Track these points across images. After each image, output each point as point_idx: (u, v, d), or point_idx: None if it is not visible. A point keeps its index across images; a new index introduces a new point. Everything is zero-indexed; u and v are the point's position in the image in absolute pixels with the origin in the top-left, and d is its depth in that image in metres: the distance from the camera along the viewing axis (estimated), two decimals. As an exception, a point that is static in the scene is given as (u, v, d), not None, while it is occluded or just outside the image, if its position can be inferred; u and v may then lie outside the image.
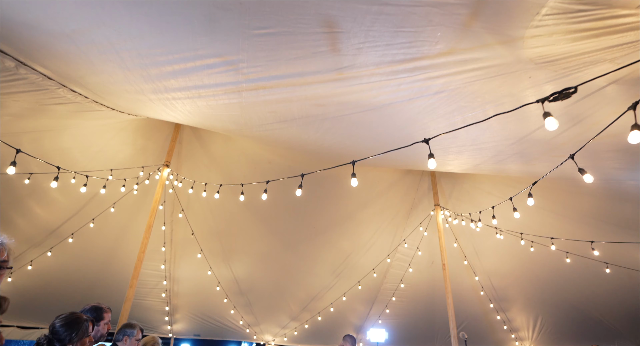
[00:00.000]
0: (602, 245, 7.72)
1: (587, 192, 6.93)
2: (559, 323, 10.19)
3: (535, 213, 8.05)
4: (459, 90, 2.92)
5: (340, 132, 4.39)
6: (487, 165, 5.45)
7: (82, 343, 2.78)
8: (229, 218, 9.19)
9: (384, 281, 10.42)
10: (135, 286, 7.09)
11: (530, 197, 4.41)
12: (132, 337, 4.09)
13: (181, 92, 3.62)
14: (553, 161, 4.35)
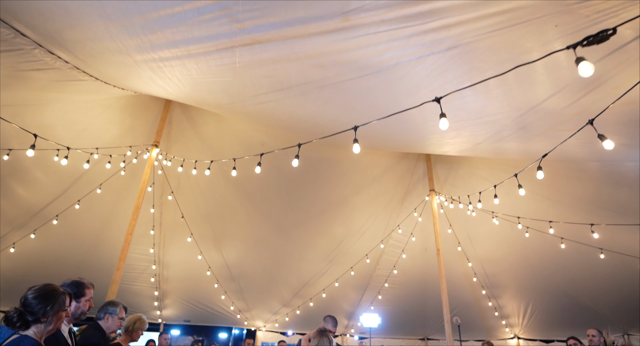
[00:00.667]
0: (597, 231, 7.58)
1: (585, 176, 6.74)
2: (549, 310, 10.08)
3: (530, 199, 7.85)
4: (474, 44, 2.62)
5: (340, 103, 4.08)
6: (487, 144, 5.19)
7: (58, 317, 2.47)
8: (220, 201, 8.86)
9: (376, 267, 10.20)
10: (123, 269, 6.74)
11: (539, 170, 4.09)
12: (115, 315, 3.77)
13: (169, 50, 3.26)
14: (558, 138, 4.11)
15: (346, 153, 8.36)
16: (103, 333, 3.67)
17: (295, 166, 4.24)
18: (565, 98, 3.20)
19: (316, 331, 4.20)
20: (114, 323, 3.76)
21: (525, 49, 2.61)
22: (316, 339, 4.09)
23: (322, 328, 4.26)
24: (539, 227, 7.77)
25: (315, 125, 5.62)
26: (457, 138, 4.86)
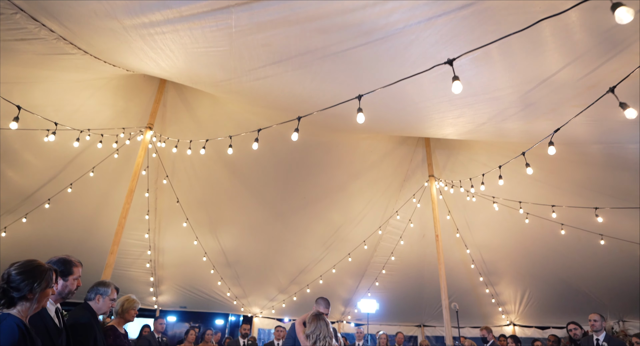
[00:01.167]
0: (599, 216, 7.44)
1: (587, 160, 6.55)
2: (545, 297, 10.00)
3: (530, 185, 7.69)
4: (491, 1, 2.39)
5: (342, 77, 3.84)
6: (491, 125, 4.99)
7: (45, 294, 2.27)
8: (216, 186, 8.62)
9: (374, 254, 10.05)
10: (116, 253, 6.53)
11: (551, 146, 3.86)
12: (106, 296, 3.56)
13: (159, 12, 2.99)
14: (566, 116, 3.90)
15: (345, 138, 8.14)
16: (94, 314, 3.47)
17: (295, 140, 4.03)
18: (581, 68, 2.98)
19: (311, 316, 3.99)
20: (105, 304, 3.55)
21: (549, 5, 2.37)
22: (312, 324, 3.90)
23: (317, 311, 4.07)
24: (539, 212, 7.62)
25: (314, 106, 5.39)
26: (460, 118, 4.65)
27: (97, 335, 3.34)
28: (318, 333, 3.79)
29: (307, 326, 3.92)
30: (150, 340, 6.37)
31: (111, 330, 3.96)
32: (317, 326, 3.83)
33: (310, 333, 3.82)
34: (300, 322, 4.02)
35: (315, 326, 3.83)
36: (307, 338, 3.83)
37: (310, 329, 3.85)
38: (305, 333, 3.88)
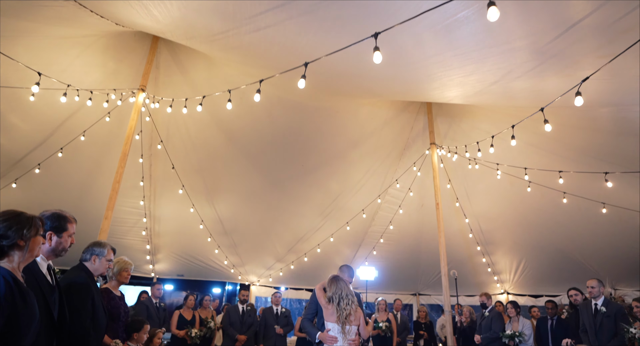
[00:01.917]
0: (600, 186, 7.35)
1: (593, 126, 6.37)
2: (540, 266, 10.04)
3: (534, 153, 7.54)
4: None
5: (351, 24, 3.54)
6: (501, 84, 4.73)
7: (36, 241, 2.10)
8: (213, 153, 8.37)
9: (372, 223, 9.98)
10: (111, 219, 6.37)
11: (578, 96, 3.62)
12: (102, 257, 3.39)
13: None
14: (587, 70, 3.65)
15: (345, 104, 7.86)
16: (90, 275, 3.30)
17: (302, 88, 3.75)
18: (617, 9, 2.71)
19: (329, 280, 3.88)
20: (101, 265, 3.39)
21: None
22: (333, 286, 3.79)
23: (335, 275, 3.97)
24: (542, 180, 7.50)
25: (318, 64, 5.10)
26: (471, 76, 4.39)
27: (94, 295, 3.19)
28: (340, 292, 3.70)
29: (327, 289, 3.81)
30: (148, 305, 6.29)
31: (105, 292, 3.83)
32: (337, 286, 3.73)
33: (332, 295, 3.73)
34: (320, 288, 3.92)
35: (336, 287, 3.73)
36: (329, 301, 3.74)
37: (331, 291, 3.75)
38: (327, 296, 3.78)
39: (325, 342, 3.64)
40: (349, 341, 3.59)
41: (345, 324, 3.60)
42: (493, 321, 6.09)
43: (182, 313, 6.47)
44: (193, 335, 6.15)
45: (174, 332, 6.26)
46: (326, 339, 3.62)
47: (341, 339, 3.59)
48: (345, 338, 3.59)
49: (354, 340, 3.60)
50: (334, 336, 3.59)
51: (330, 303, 3.69)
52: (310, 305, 4.09)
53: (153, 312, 6.23)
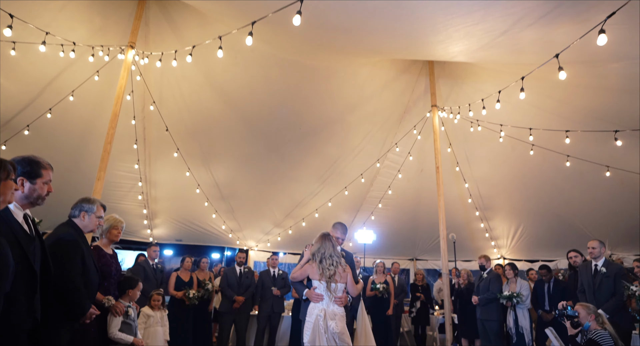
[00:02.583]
0: (604, 149, 7.17)
1: (600, 84, 6.11)
2: (538, 231, 9.99)
3: (538, 115, 7.29)
4: None
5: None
6: (509, 35, 4.44)
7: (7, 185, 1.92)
8: (207, 116, 8.10)
9: (370, 189, 9.85)
10: (104, 179, 6.19)
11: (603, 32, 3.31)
12: (92, 213, 3.23)
13: None
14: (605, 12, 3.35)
15: (344, 63, 7.52)
16: (80, 232, 3.15)
17: (297, 25, 3.48)
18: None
19: (318, 236, 3.79)
20: (91, 221, 3.24)
21: None
22: (317, 243, 3.68)
23: (325, 232, 3.85)
24: (546, 143, 7.30)
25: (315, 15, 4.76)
26: (479, 24, 4.10)
27: (84, 252, 3.06)
28: (323, 251, 3.58)
29: (313, 245, 3.71)
30: (145, 267, 6.24)
31: (96, 250, 3.70)
32: (322, 245, 3.61)
33: (315, 253, 3.62)
34: (311, 247, 3.81)
35: (321, 246, 3.61)
36: (312, 256, 3.63)
37: (315, 248, 3.64)
38: (310, 252, 3.67)
39: (311, 299, 3.55)
40: (335, 299, 3.50)
41: (330, 282, 3.49)
42: (491, 282, 6.07)
43: (180, 275, 6.43)
44: (191, 296, 6.13)
45: (172, 293, 6.24)
46: (312, 296, 3.53)
47: (327, 297, 3.50)
48: (332, 295, 3.50)
49: (340, 297, 3.51)
50: (319, 293, 3.50)
51: (313, 260, 3.59)
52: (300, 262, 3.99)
53: (150, 274, 6.18)
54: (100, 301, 3.53)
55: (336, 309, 3.46)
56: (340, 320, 3.40)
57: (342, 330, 3.34)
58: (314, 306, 3.49)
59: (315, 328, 3.33)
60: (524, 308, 5.70)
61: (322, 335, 3.29)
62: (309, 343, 3.35)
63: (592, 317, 3.89)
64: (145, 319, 4.81)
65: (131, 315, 3.76)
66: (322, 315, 3.36)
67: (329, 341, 3.30)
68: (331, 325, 3.31)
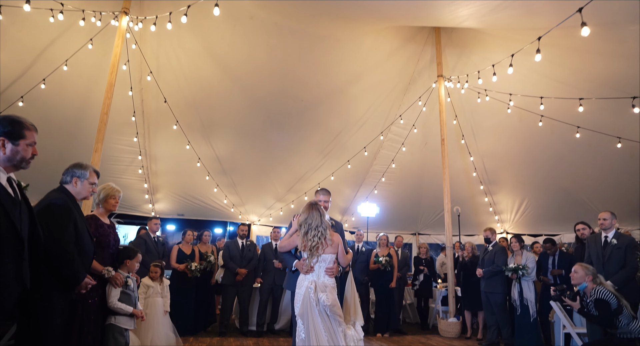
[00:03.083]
0: (616, 120, 6.92)
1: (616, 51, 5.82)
2: (542, 206, 9.85)
3: (549, 86, 7.03)
4: None
5: None
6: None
7: None
8: (207, 87, 7.84)
9: (373, 162, 9.68)
10: (101, 151, 6.04)
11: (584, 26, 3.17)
12: (84, 179, 3.06)
13: None
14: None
15: (347, 31, 7.20)
16: (72, 198, 2.99)
17: None
18: None
19: (305, 205, 3.62)
20: (84, 188, 3.07)
21: None
22: (305, 213, 3.52)
23: (313, 201, 3.70)
24: (555, 113, 7.06)
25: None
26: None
27: (77, 219, 2.90)
28: (310, 221, 3.41)
29: (300, 215, 3.55)
30: (146, 240, 6.16)
31: (92, 219, 3.56)
32: (309, 215, 3.43)
33: (302, 222, 3.46)
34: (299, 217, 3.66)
35: (308, 215, 3.44)
36: (299, 227, 3.48)
37: (302, 218, 3.48)
38: (297, 221, 3.52)
39: (300, 271, 3.43)
40: (325, 269, 3.38)
41: (312, 255, 3.34)
42: (496, 255, 5.97)
43: (181, 247, 6.36)
44: (193, 268, 6.08)
45: (174, 266, 6.18)
46: (302, 267, 3.40)
47: (317, 267, 3.37)
48: (321, 266, 3.38)
49: (331, 268, 3.39)
50: (309, 264, 3.38)
51: (299, 230, 3.45)
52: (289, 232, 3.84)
53: (152, 246, 6.11)
54: (100, 272, 3.44)
55: (327, 280, 3.34)
56: (331, 292, 3.29)
57: (333, 302, 3.23)
58: (304, 278, 3.36)
59: (305, 300, 3.23)
60: (529, 280, 5.61)
61: (313, 307, 3.18)
62: (299, 315, 3.26)
63: (589, 278, 3.83)
64: (145, 289, 4.75)
65: (131, 285, 3.67)
66: (313, 288, 3.24)
67: (321, 314, 3.20)
68: (322, 297, 3.19)
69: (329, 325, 3.20)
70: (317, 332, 3.14)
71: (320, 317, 3.19)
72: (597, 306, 3.64)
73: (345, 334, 3.31)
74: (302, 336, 3.21)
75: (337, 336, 3.20)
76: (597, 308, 3.65)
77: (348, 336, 3.31)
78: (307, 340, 3.12)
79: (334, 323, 3.23)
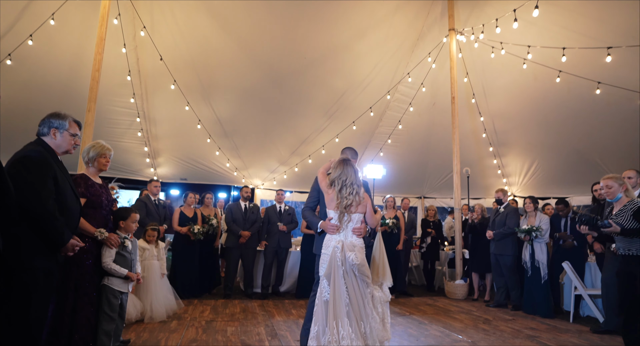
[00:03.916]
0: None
1: None
2: (552, 168, 9.47)
3: (568, 37, 6.47)
4: None
5: None
6: None
7: None
8: (205, 45, 7.34)
9: (379, 124, 9.28)
10: (95, 111, 5.69)
11: None
12: (64, 130, 2.74)
13: None
14: None
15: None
16: (51, 152, 2.67)
17: None
18: None
19: (337, 161, 3.29)
20: (64, 140, 2.75)
21: None
22: (338, 169, 3.22)
23: (346, 157, 3.39)
24: (575, 68, 6.56)
25: None
26: None
27: (57, 173, 2.58)
28: (344, 178, 3.12)
29: (332, 171, 3.27)
30: (147, 202, 5.94)
31: (82, 178, 3.29)
32: (343, 171, 3.16)
33: (335, 179, 3.18)
34: (324, 171, 3.36)
35: (342, 172, 3.16)
36: (331, 184, 3.20)
37: (335, 174, 3.19)
38: (329, 179, 3.24)
39: (327, 231, 3.19)
40: (353, 229, 3.14)
41: (344, 213, 3.09)
42: (508, 216, 5.71)
43: (183, 210, 6.15)
44: (195, 231, 5.88)
45: (176, 229, 5.99)
46: (328, 228, 3.16)
47: (344, 227, 3.13)
48: (349, 226, 3.13)
49: (359, 228, 3.14)
50: (336, 224, 3.12)
51: (331, 188, 3.16)
52: (311, 193, 3.57)
53: (152, 209, 5.90)
54: (92, 234, 3.20)
55: (355, 240, 3.11)
56: (360, 251, 3.07)
57: (361, 261, 3.01)
58: (330, 238, 3.14)
59: (332, 260, 3.00)
60: (541, 242, 5.38)
61: (338, 267, 2.96)
62: (324, 276, 3.04)
63: (623, 188, 3.60)
64: (141, 252, 4.56)
65: (128, 247, 3.45)
66: (340, 247, 3.01)
67: (348, 274, 2.98)
68: (350, 256, 2.97)
69: (356, 285, 3.00)
70: (343, 293, 2.93)
71: (347, 278, 2.98)
72: (637, 217, 3.36)
73: (373, 295, 3.11)
74: (325, 297, 3.00)
75: (364, 297, 3.00)
76: (637, 218, 3.35)
77: (375, 298, 3.13)
78: (333, 302, 2.92)
79: (362, 284, 3.02)
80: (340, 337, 2.83)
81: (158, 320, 4.47)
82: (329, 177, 3.21)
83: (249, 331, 4.23)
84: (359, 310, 2.94)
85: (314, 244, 3.46)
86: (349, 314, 2.90)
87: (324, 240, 3.20)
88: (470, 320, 5.06)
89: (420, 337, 4.16)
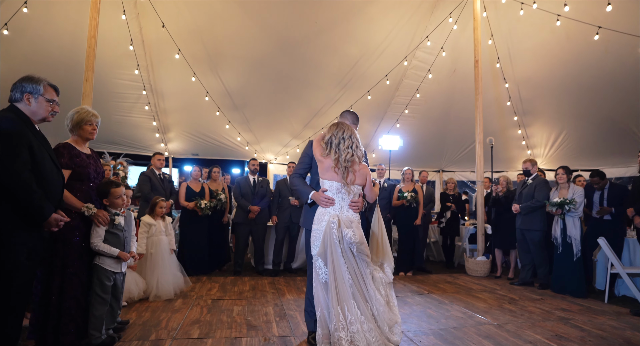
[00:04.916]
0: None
1: None
2: (582, 138, 8.67)
3: None
4: None
5: None
6: None
7: None
8: (210, 12, 6.81)
9: (395, 93, 8.67)
10: (92, 80, 5.35)
11: None
12: (38, 95, 2.40)
13: None
14: None
15: None
16: (25, 119, 2.33)
17: None
18: None
19: (332, 124, 2.92)
20: (40, 106, 2.41)
21: None
22: (333, 128, 2.82)
23: (338, 122, 2.96)
24: (615, 23, 5.80)
25: None
26: None
27: (32, 142, 2.26)
28: (341, 133, 2.70)
29: (326, 133, 2.85)
30: (151, 177, 5.63)
31: (64, 147, 2.93)
32: (338, 128, 2.76)
33: (331, 136, 2.76)
34: (320, 139, 2.92)
35: (338, 128, 2.75)
36: (327, 144, 2.78)
37: (330, 133, 2.78)
38: (324, 140, 2.81)
39: (319, 203, 2.77)
40: (350, 203, 2.71)
41: (346, 172, 2.67)
42: (537, 189, 5.17)
43: (190, 185, 5.82)
44: (202, 206, 5.57)
45: (183, 204, 5.68)
46: (321, 200, 2.74)
47: (339, 200, 2.71)
48: (345, 199, 2.70)
49: (356, 201, 2.73)
50: (330, 197, 2.70)
51: (327, 156, 2.73)
52: (303, 158, 3.07)
53: (157, 183, 5.59)
54: (79, 209, 2.87)
55: (351, 215, 2.72)
56: (357, 228, 2.67)
57: (360, 239, 2.63)
58: (324, 212, 2.74)
59: (326, 238, 2.62)
60: (575, 216, 4.84)
61: (336, 245, 2.58)
62: (318, 255, 2.66)
63: None
64: (146, 228, 4.26)
65: (119, 224, 3.11)
66: (336, 222, 2.61)
67: (345, 252, 2.60)
68: (348, 233, 2.58)
69: (354, 265, 2.62)
70: (344, 274, 2.57)
71: (344, 257, 2.60)
72: None
73: (374, 277, 2.72)
74: (323, 279, 2.63)
75: (365, 279, 2.63)
76: None
77: (376, 279, 2.73)
78: (334, 284, 2.55)
79: (361, 263, 2.64)
80: (348, 322, 2.47)
81: (164, 298, 4.22)
82: (324, 139, 2.78)
83: (257, 310, 3.93)
84: (362, 292, 2.58)
85: (302, 216, 3.06)
86: (354, 295, 2.53)
87: (315, 213, 2.80)
88: (494, 299, 4.64)
89: (441, 319, 3.77)
